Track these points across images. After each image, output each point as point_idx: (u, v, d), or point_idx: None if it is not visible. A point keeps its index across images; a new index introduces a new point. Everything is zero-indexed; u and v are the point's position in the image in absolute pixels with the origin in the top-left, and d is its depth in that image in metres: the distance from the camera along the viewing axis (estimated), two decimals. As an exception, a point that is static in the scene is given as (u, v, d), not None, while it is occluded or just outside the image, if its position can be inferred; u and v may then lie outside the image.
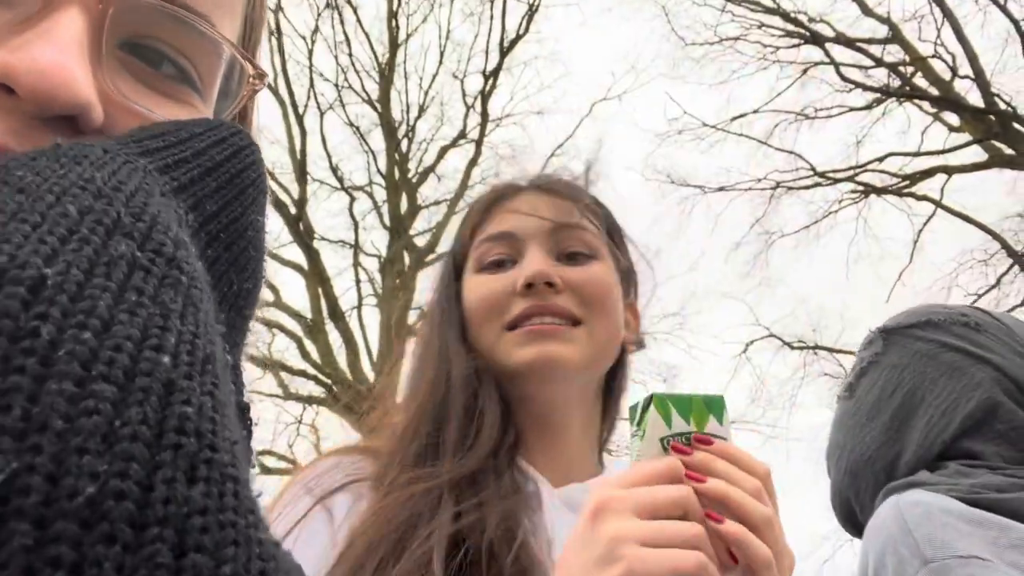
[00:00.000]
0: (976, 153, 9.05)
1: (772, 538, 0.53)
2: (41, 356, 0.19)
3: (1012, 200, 9.20)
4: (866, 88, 9.62)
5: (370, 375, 8.71)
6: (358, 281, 9.79)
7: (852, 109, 9.86)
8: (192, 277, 0.24)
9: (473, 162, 9.61)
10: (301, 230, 9.55)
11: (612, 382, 0.83)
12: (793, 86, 9.89)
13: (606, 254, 0.80)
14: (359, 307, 9.65)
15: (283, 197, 9.63)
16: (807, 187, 10.23)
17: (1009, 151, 8.45)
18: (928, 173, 9.48)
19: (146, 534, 0.17)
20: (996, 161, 8.74)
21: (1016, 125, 8.39)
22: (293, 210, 9.61)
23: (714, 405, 0.58)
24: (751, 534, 0.52)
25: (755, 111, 10.10)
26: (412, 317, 8.56)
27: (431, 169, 10.10)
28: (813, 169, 10.09)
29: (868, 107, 9.75)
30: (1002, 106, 8.56)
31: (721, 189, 10.62)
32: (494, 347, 0.75)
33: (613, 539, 0.51)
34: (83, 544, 0.17)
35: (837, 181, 10.07)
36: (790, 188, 10.27)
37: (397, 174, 9.97)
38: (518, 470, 0.73)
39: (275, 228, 9.73)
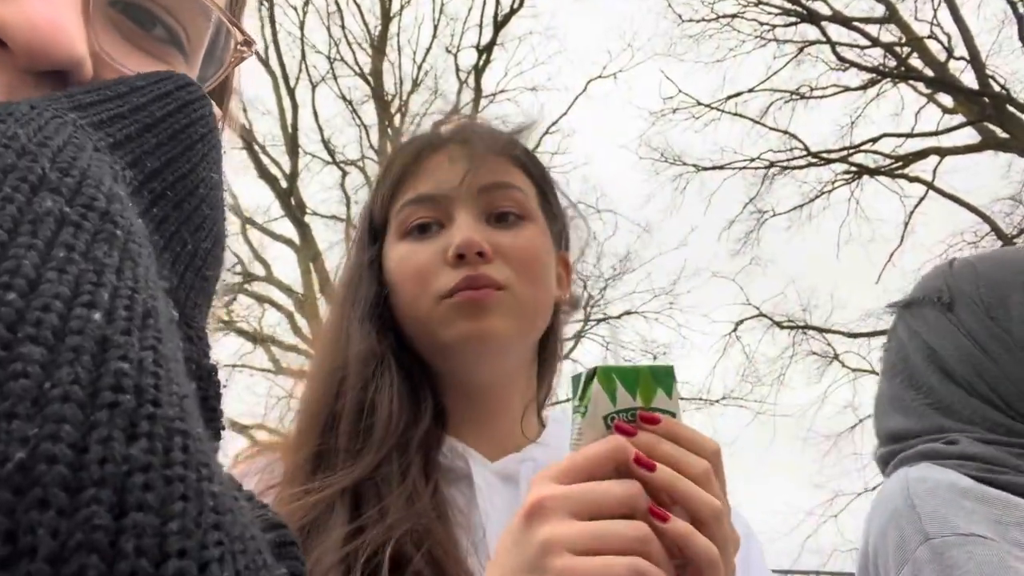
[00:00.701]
0: (969, 135, 9.07)
1: (720, 533, 0.50)
2: None
3: (1004, 183, 9.24)
4: (861, 68, 9.59)
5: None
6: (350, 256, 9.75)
7: (847, 89, 9.83)
8: (129, 231, 0.23)
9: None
10: (292, 204, 9.49)
11: (547, 342, 0.78)
12: (789, 65, 9.86)
13: (538, 213, 0.75)
14: (350, 282, 9.62)
15: (274, 171, 9.56)
16: (800, 167, 10.24)
17: (1003, 134, 8.46)
18: (921, 155, 9.49)
19: (81, 496, 0.17)
20: (989, 143, 8.76)
21: (1010, 108, 8.39)
22: (284, 184, 9.55)
23: (663, 377, 0.53)
24: (696, 533, 0.49)
25: (750, 90, 10.06)
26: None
27: (423, 145, 10.02)
28: (807, 149, 10.08)
29: (863, 87, 9.72)
30: (996, 88, 8.56)
31: (715, 168, 10.61)
32: (429, 319, 0.70)
33: (544, 546, 0.48)
34: (16, 511, 0.16)
35: (830, 161, 10.07)
36: (784, 168, 10.27)
37: (390, 148, 9.90)
38: (447, 449, 0.69)
39: (266, 202, 9.65)
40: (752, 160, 10.34)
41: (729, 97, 10.13)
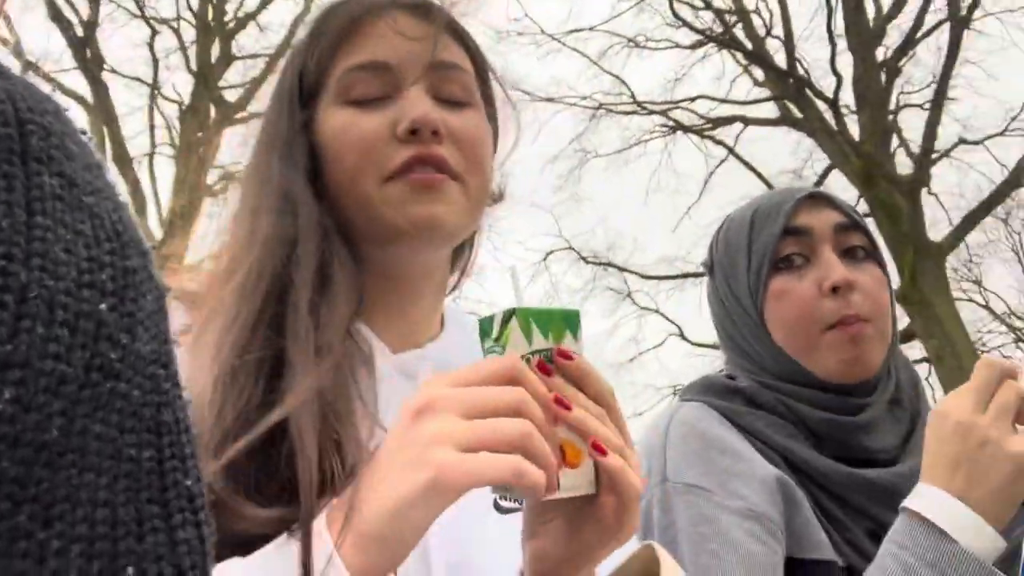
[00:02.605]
0: (771, 110, 10.00)
1: (633, 466, 0.53)
2: (16, 295, 0.20)
3: (792, 159, 10.36)
4: (692, 28, 10.14)
5: (156, 232, 8.08)
6: (152, 126, 8.89)
7: (678, 46, 10.38)
8: (90, 191, 0.24)
9: (300, 18, 8.91)
10: (88, 57, 8.38)
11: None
12: (631, 12, 10.18)
13: (479, 99, 0.72)
14: (151, 155, 8.81)
15: (68, 14, 8.34)
16: (626, 113, 10.75)
17: (798, 113, 9.42)
18: (728, 120, 10.33)
19: None
20: (786, 120, 9.73)
21: (808, 92, 9.33)
22: (80, 32, 8.38)
23: (571, 320, 0.56)
24: (626, 464, 0.52)
25: (591, 28, 10.30)
26: (214, 177, 7.99)
27: (252, 16, 9.24)
28: (633, 97, 10.58)
29: (692, 47, 10.32)
30: (800, 71, 9.47)
31: (549, 100, 10.83)
32: (370, 200, 0.65)
33: (428, 441, 0.47)
34: None
35: (652, 112, 10.66)
36: (610, 111, 10.73)
37: (211, 14, 9.00)
38: (353, 331, 0.65)
39: (57, 49, 8.45)
40: (584, 98, 10.69)
41: (571, 31, 10.32)
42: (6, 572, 0.19)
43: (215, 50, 9.06)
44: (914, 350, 8.25)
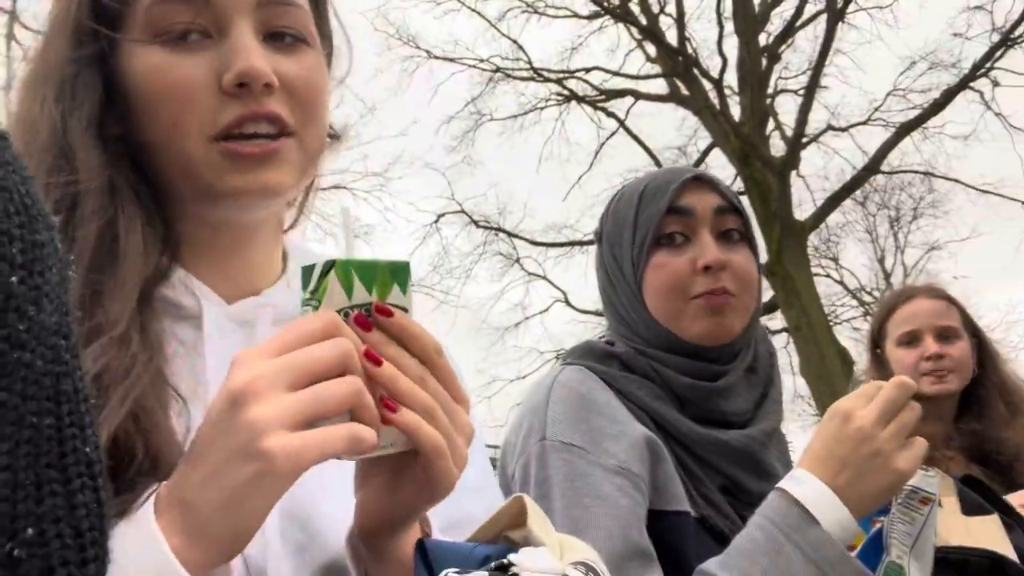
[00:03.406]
0: (660, 86, 10.32)
1: (440, 426, 0.50)
2: None
3: (678, 135, 10.77)
4: (591, -1, 10.25)
5: None
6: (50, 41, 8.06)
7: (576, 15, 10.48)
8: None
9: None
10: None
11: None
12: (531, -24, 10.15)
13: (315, 36, 0.64)
14: None
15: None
16: (522, 79, 10.77)
17: (685, 91, 9.77)
18: (620, 93, 10.57)
19: None
20: (674, 97, 10.07)
21: (695, 71, 9.69)
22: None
23: (399, 272, 0.53)
24: (423, 423, 0.50)
25: (491, -11, 10.20)
26: None
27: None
28: (530, 63, 10.62)
29: (589, 17, 10.44)
30: (690, 51, 9.81)
31: (446, 59, 10.68)
32: (191, 160, 0.58)
33: (253, 427, 0.44)
34: None
35: (548, 80, 10.75)
36: (508, 75, 10.72)
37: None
38: (177, 281, 0.60)
39: None
40: (481, 60, 10.61)
41: (471, -9, 10.18)
42: None
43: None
44: (775, 321, 8.90)
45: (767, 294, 8.00)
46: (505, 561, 0.51)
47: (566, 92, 10.75)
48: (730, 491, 0.98)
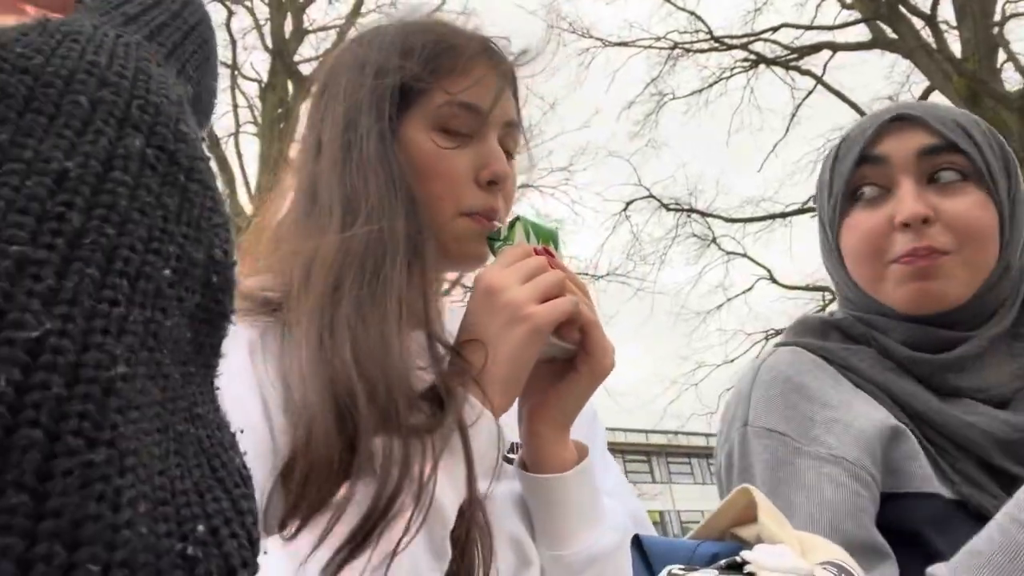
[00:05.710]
0: (861, 32, 9.37)
1: (602, 330, 0.69)
2: (68, 239, 0.21)
3: (886, 83, 9.71)
4: (771, -48, 9.56)
5: (247, 208, 8.41)
6: (235, 106, 9.19)
7: (756, -27, 9.82)
8: (188, 171, 0.26)
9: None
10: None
11: None
12: (703, -58, 9.67)
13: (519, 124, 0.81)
14: (236, 134, 9.12)
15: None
16: (703, 51, 10.30)
17: (892, 34, 8.79)
18: (815, 48, 9.74)
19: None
20: (878, 42, 9.10)
21: (902, 8, 8.68)
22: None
23: (555, 237, 0.75)
24: (598, 322, 0.68)
25: (662, -36, 9.85)
26: (295, 151, 8.21)
27: (321, -11, 9.31)
28: (710, 33, 10.11)
29: (771, -27, 9.74)
30: (892, -13, 8.80)
31: (622, 44, 10.50)
32: (443, 227, 0.72)
33: (514, 302, 0.64)
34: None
35: (731, 48, 10.17)
36: (687, 50, 10.30)
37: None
38: None
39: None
40: (658, 39, 10.29)
41: (641, -30, 9.91)
42: (78, 513, 0.19)
43: (288, 25, 9.22)
44: None
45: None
46: (738, 559, 0.47)
47: (753, 57, 10.12)
48: (992, 468, 0.82)
